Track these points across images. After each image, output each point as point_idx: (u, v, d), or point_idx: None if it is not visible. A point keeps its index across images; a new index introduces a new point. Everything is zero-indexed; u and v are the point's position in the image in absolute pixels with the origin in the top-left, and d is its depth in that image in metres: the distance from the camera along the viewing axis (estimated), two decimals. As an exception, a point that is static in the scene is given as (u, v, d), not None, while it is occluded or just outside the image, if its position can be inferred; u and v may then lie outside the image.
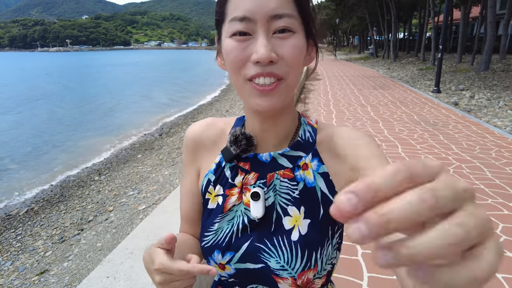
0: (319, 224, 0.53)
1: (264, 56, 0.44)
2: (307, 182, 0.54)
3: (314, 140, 0.57)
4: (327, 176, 0.55)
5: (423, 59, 18.07)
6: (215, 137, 0.61)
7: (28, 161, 6.71)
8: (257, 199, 0.53)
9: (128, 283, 2.03)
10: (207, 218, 0.58)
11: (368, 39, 38.04)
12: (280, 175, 0.55)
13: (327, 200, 0.54)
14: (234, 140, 0.56)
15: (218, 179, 0.59)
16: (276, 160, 0.56)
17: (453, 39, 22.60)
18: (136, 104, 13.44)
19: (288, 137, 0.57)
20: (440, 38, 8.93)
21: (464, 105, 7.20)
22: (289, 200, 0.54)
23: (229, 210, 0.57)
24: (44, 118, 10.98)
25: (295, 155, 0.56)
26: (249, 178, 0.56)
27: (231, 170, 0.58)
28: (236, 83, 0.50)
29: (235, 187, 0.57)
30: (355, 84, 11.22)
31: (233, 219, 0.56)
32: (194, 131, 0.62)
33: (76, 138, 8.46)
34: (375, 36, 28.23)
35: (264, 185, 0.55)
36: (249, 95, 0.48)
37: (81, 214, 4.13)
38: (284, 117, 0.55)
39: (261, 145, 0.57)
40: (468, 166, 3.69)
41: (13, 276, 2.96)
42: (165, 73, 29.73)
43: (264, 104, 0.47)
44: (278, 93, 0.47)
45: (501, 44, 13.05)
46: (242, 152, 0.56)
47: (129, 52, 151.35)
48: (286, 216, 0.54)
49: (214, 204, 0.58)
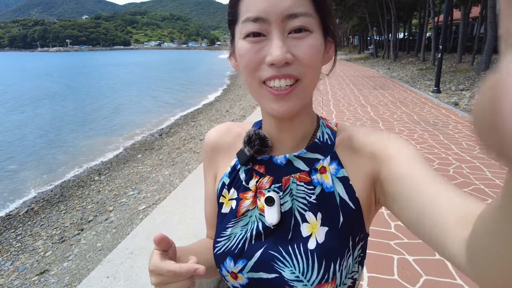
0: (338, 232, 0.49)
1: (279, 58, 0.42)
2: (325, 187, 0.51)
3: (333, 142, 0.54)
4: (346, 181, 0.51)
5: (423, 59, 18.06)
6: (232, 142, 0.61)
7: (28, 160, 6.71)
8: (271, 204, 0.51)
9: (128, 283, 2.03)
10: (221, 223, 0.57)
11: (368, 39, 38.05)
12: (296, 179, 0.52)
13: (346, 207, 0.50)
14: (247, 141, 0.54)
15: (232, 182, 0.57)
16: (292, 163, 0.53)
17: (453, 39, 22.60)
18: (137, 104, 13.44)
19: (305, 139, 0.54)
20: (440, 38, 8.93)
21: (464, 105, 7.20)
22: (306, 205, 0.51)
23: (243, 215, 0.54)
24: (45, 118, 10.98)
25: (312, 157, 0.53)
26: (264, 181, 0.54)
27: (246, 173, 0.56)
28: (251, 86, 0.48)
29: (249, 190, 0.55)
30: (355, 84, 11.22)
31: (247, 224, 0.54)
32: (212, 137, 0.62)
33: (78, 138, 8.46)
34: (375, 36, 28.24)
35: (279, 189, 0.52)
36: (265, 99, 0.47)
37: (81, 214, 4.13)
38: (301, 119, 0.53)
39: (277, 147, 0.55)
40: (468, 166, 3.69)
41: (13, 276, 2.96)
42: (165, 73, 29.74)
43: (280, 109, 0.46)
44: (295, 96, 0.45)
45: (501, 44, 13.02)
46: (256, 153, 0.54)
47: (129, 52, 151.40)
48: (304, 222, 0.51)
49: (228, 208, 0.57)
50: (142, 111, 11.95)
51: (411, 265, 2.06)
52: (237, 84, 17.22)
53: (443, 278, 1.93)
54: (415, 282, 1.91)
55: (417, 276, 1.95)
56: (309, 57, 0.44)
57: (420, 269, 2.02)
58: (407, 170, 0.44)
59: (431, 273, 1.97)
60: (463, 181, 3.28)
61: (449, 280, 1.91)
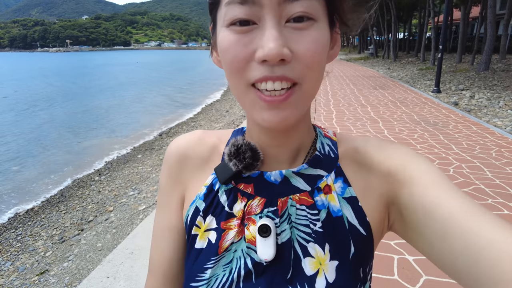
0: (349, 266, 0.40)
1: (274, 52, 0.32)
2: (332, 210, 0.41)
3: (336, 154, 0.44)
4: (355, 202, 0.41)
5: (423, 59, 18.06)
6: (206, 154, 0.47)
7: (27, 160, 6.72)
8: (267, 234, 0.40)
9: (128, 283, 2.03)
10: (194, 262, 0.43)
11: (368, 39, 38.05)
12: (295, 201, 0.41)
13: (356, 234, 0.41)
14: (235, 152, 0.42)
15: (209, 207, 0.44)
16: (289, 181, 0.42)
17: (453, 39, 22.60)
18: (137, 105, 13.44)
19: (302, 152, 0.44)
20: (440, 38, 8.93)
21: (464, 105, 7.19)
22: (309, 235, 0.41)
23: (226, 251, 0.42)
24: (45, 118, 10.99)
25: (314, 174, 0.43)
26: (253, 205, 0.42)
27: (227, 194, 0.44)
28: (236, 90, 0.37)
29: (234, 217, 0.43)
30: (355, 84, 11.22)
31: (231, 262, 0.42)
32: (179, 146, 0.48)
33: (78, 138, 8.46)
34: (375, 36, 28.24)
35: (274, 215, 0.41)
36: (253, 107, 0.36)
37: (81, 214, 4.13)
38: (298, 129, 0.42)
39: (268, 161, 0.44)
40: (468, 166, 3.69)
41: (13, 276, 2.96)
42: (165, 74, 29.75)
43: (273, 119, 0.35)
44: (292, 104, 0.35)
45: (501, 44, 13.05)
46: (245, 169, 0.42)
47: (129, 53, 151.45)
48: (307, 257, 0.40)
49: (204, 242, 0.43)
50: (142, 111, 11.95)
51: (411, 265, 2.05)
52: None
53: (443, 278, 1.93)
54: (415, 282, 1.91)
55: (417, 276, 1.95)
56: (312, 55, 0.34)
57: (420, 269, 2.02)
58: (436, 198, 0.34)
59: (431, 273, 1.97)
60: (463, 181, 3.28)
61: (449, 280, 1.91)
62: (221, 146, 0.48)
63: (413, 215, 0.36)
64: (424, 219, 0.34)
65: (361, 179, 0.42)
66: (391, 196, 0.40)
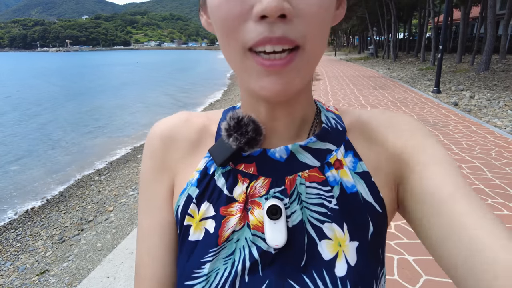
0: (369, 246, 0.36)
1: (273, 4, 0.27)
2: (346, 186, 0.37)
3: (343, 127, 0.41)
4: (368, 177, 0.38)
5: (423, 59, 18.06)
6: (195, 137, 0.42)
7: (27, 161, 6.71)
8: (277, 217, 0.35)
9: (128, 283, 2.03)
10: (189, 256, 0.37)
11: (368, 39, 38.05)
12: (304, 179, 0.37)
13: (373, 211, 0.37)
14: (235, 126, 0.37)
15: (204, 193, 0.39)
16: (296, 157, 0.38)
17: (453, 39, 22.60)
18: (137, 105, 13.44)
19: (306, 126, 0.40)
20: (440, 38, 8.93)
21: (464, 105, 7.19)
22: (324, 214, 0.37)
23: (227, 241, 0.37)
24: (46, 118, 10.98)
25: (323, 148, 0.39)
26: (257, 186, 0.37)
27: (225, 177, 0.39)
28: (230, 55, 0.33)
29: (235, 202, 0.38)
30: (355, 84, 11.22)
31: (233, 254, 0.37)
32: (164, 128, 0.42)
33: (78, 138, 8.46)
34: (375, 36, 28.24)
35: (283, 195, 0.37)
36: (250, 74, 0.32)
37: (81, 214, 4.13)
38: (301, 100, 0.38)
39: (269, 137, 0.39)
40: (468, 166, 3.69)
41: (13, 276, 2.96)
42: (165, 74, 29.74)
43: (273, 87, 0.31)
44: (295, 69, 0.31)
45: (501, 44, 13.05)
46: (247, 145, 0.37)
47: (129, 52, 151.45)
48: (323, 239, 0.36)
49: (200, 233, 0.38)
50: (142, 111, 11.95)
51: (411, 265, 2.05)
52: (238, 84, 17.22)
53: (443, 278, 1.93)
54: (415, 282, 1.91)
55: (417, 276, 1.95)
56: (317, 11, 0.30)
57: (420, 269, 2.02)
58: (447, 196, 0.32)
59: (431, 273, 1.97)
60: (463, 181, 3.28)
61: (449, 280, 1.91)
62: (213, 127, 0.43)
63: (419, 204, 0.34)
64: (430, 213, 0.33)
65: (371, 153, 0.39)
66: (400, 177, 0.38)
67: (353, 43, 51.93)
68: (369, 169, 0.39)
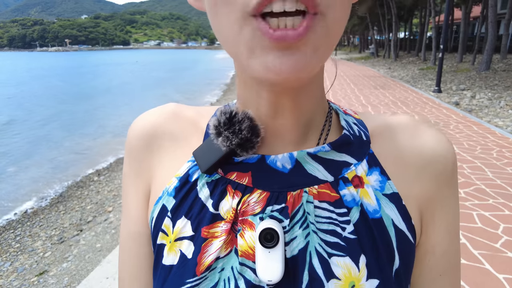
0: (393, 284, 0.30)
1: None
2: (367, 210, 0.30)
3: (367, 137, 0.33)
4: (399, 200, 0.31)
5: (424, 59, 18.05)
6: (181, 134, 0.35)
7: (27, 161, 6.70)
8: (272, 244, 0.28)
9: (128, 285, 2.00)
10: (162, 285, 0.31)
11: (369, 39, 38.04)
12: (313, 196, 0.30)
13: (404, 241, 0.31)
14: (226, 122, 0.30)
15: (181, 205, 0.31)
16: (303, 168, 0.30)
17: (454, 39, 22.59)
18: (137, 105, 13.42)
19: (314, 129, 0.32)
20: (441, 37, 8.91)
21: (465, 105, 7.18)
22: (336, 245, 0.29)
23: (208, 270, 0.29)
24: (47, 119, 10.97)
25: (338, 160, 0.31)
26: (251, 202, 0.30)
27: (211, 188, 0.31)
28: (222, 25, 0.24)
29: (221, 220, 0.30)
30: (355, 84, 11.21)
31: (216, 287, 0.29)
32: (145, 123, 0.36)
33: (79, 138, 8.45)
34: (375, 36, 28.23)
35: (283, 215, 0.29)
36: (252, 50, 0.23)
37: (80, 214, 4.12)
38: (312, 93, 0.30)
39: (269, 141, 0.31)
40: (469, 166, 3.68)
41: (12, 277, 2.94)
42: (165, 73, 29.73)
43: (282, 65, 0.23)
44: (311, 43, 0.23)
45: (502, 44, 13.04)
46: (240, 147, 0.30)
47: (128, 52, 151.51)
48: (332, 279, 0.28)
49: (175, 256, 0.31)
50: (141, 111, 11.90)
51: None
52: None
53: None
54: None
55: None
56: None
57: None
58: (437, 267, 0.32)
59: None
60: (464, 181, 3.27)
61: None
62: (203, 123, 0.35)
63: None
64: (414, 274, 0.33)
65: (399, 171, 0.32)
66: (422, 208, 0.33)
67: (354, 43, 51.92)
68: (398, 188, 0.32)
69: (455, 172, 0.34)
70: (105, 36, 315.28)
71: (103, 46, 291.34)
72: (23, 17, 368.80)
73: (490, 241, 2.26)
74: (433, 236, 0.32)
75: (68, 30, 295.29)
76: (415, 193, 0.32)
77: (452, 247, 0.33)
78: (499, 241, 2.26)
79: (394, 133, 0.34)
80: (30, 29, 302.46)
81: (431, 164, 0.33)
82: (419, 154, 0.33)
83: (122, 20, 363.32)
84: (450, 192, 0.33)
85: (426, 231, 0.32)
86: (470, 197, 2.92)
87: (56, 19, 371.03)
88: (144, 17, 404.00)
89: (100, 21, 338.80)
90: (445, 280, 0.32)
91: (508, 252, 2.15)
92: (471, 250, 2.16)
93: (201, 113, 0.37)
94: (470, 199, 2.87)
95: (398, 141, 0.33)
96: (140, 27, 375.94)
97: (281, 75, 0.23)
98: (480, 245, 2.21)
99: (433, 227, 0.32)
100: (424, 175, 0.33)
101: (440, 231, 0.32)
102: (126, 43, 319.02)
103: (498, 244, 2.23)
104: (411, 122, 0.35)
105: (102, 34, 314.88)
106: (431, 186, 0.33)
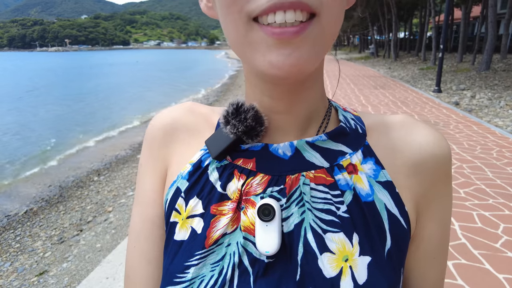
0: (385, 263, 0.32)
1: None
2: (359, 194, 0.33)
3: (364, 130, 0.36)
4: (392, 187, 0.34)
5: (424, 59, 18.04)
6: (196, 126, 0.39)
7: (26, 160, 6.70)
8: (269, 218, 0.31)
9: (128, 285, 2.00)
10: (173, 258, 0.33)
11: (369, 39, 38.04)
12: (309, 179, 0.33)
13: (397, 225, 0.33)
14: (234, 112, 0.34)
15: (193, 187, 0.35)
16: (302, 155, 0.34)
17: (454, 39, 22.58)
18: (137, 105, 13.43)
19: (315, 122, 0.36)
20: (441, 37, 8.91)
21: (465, 105, 7.18)
22: (330, 222, 0.32)
23: (216, 244, 0.33)
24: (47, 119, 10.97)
25: (334, 149, 0.34)
26: (254, 183, 0.33)
27: (220, 171, 0.35)
28: (232, 29, 0.29)
29: (228, 200, 0.34)
30: (355, 84, 11.21)
31: (222, 259, 0.32)
32: (165, 117, 0.40)
33: (80, 138, 8.45)
34: (375, 36, 28.22)
35: (280, 194, 0.33)
36: (257, 48, 0.27)
37: (80, 214, 4.12)
38: (311, 88, 0.34)
39: (272, 132, 0.36)
40: (469, 166, 3.67)
41: (12, 277, 2.94)
42: (165, 73, 29.74)
43: (284, 61, 0.27)
44: (309, 39, 0.27)
45: (502, 44, 13.03)
46: (246, 134, 0.34)
47: (128, 52, 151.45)
48: (325, 252, 0.31)
49: (186, 232, 0.34)
50: (141, 111, 11.94)
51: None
52: (237, 84, 17.21)
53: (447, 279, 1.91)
54: None
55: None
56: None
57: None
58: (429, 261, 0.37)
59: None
60: (464, 181, 3.27)
61: (450, 281, 1.89)
62: (215, 118, 0.40)
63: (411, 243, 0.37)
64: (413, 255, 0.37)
65: (394, 163, 0.35)
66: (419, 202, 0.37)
67: (354, 43, 51.91)
68: (392, 177, 0.35)
69: (450, 168, 0.37)
70: (105, 36, 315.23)
71: (103, 46, 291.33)
72: (23, 17, 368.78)
73: (490, 241, 2.26)
74: (428, 226, 0.36)
75: (68, 30, 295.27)
76: (410, 186, 0.35)
77: (444, 235, 0.37)
78: (499, 241, 2.26)
79: (391, 129, 0.37)
80: (30, 29, 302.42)
81: (427, 160, 0.35)
82: (415, 150, 0.35)
83: (122, 20, 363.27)
84: (445, 188, 0.36)
85: (422, 222, 0.36)
86: (470, 197, 2.92)
87: (56, 19, 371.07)
88: (144, 17, 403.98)
89: (100, 21, 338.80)
90: (437, 261, 0.38)
91: (508, 252, 2.15)
92: (471, 250, 2.16)
93: (214, 110, 0.42)
94: (470, 199, 2.87)
95: (394, 136, 0.36)
96: (140, 27, 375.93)
97: (283, 70, 0.27)
98: (480, 245, 2.21)
99: (428, 219, 0.36)
100: (420, 170, 0.35)
101: (435, 222, 0.36)
102: (126, 43, 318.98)
103: (498, 244, 2.23)
104: (408, 120, 0.38)
105: (102, 34, 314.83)
106: (427, 182, 0.35)
